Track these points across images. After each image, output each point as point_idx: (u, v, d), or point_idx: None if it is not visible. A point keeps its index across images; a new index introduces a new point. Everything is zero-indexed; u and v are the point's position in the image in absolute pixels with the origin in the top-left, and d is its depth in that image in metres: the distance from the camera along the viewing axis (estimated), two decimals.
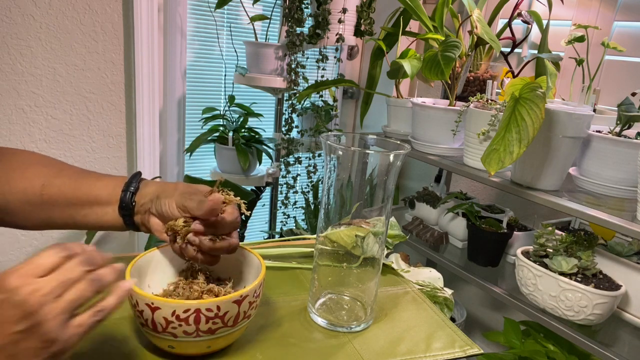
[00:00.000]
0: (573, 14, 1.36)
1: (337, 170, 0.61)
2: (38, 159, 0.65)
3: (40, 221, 0.63)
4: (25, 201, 0.61)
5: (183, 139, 1.69)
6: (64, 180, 0.61)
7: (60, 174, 0.62)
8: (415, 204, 1.48)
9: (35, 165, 0.63)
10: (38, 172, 0.62)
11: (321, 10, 1.49)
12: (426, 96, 1.53)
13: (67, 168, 0.64)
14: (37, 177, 0.61)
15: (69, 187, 0.61)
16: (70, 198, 0.61)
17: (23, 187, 0.61)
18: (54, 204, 0.61)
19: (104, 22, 1.36)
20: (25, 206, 0.61)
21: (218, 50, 1.66)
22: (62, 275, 0.40)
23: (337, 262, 0.65)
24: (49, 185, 0.61)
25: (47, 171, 0.62)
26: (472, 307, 1.71)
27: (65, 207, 0.61)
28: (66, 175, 0.62)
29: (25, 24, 1.27)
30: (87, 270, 0.42)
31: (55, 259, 0.40)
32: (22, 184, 0.61)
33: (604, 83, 1.30)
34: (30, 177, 0.61)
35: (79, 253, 0.42)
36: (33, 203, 0.61)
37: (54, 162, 0.65)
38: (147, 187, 0.62)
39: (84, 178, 0.62)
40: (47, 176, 0.61)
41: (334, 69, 1.83)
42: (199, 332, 0.51)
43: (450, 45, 1.11)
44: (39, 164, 0.63)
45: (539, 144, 0.94)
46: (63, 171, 0.63)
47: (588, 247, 1.00)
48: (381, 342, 0.62)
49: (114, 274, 0.45)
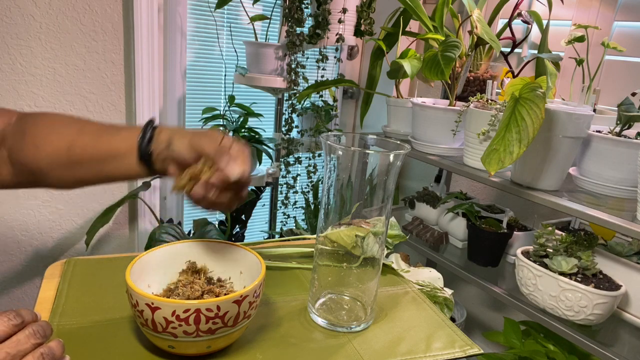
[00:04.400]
0: (573, 14, 1.36)
1: (337, 170, 0.61)
2: (60, 120, 0.66)
3: (73, 180, 0.65)
4: (55, 164, 0.63)
5: None
6: (86, 139, 0.62)
7: (82, 133, 0.63)
8: (415, 204, 1.48)
9: (58, 128, 0.64)
10: (62, 135, 0.63)
11: (321, 10, 1.49)
12: (426, 96, 1.53)
13: (88, 125, 0.65)
14: (62, 139, 0.63)
15: (91, 145, 0.62)
16: (94, 156, 0.62)
17: (51, 151, 0.62)
18: (81, 163, 0.63)
19: (104, 22, 1.36)
20: (56, 168, 0.63)
21: (218, 50, 1.66)
22: (12, 348, 0.39)
23: (337, 262, 0.65)
24: (73, 146, 0.62)
25: (70, 132, 0.63)
26: (472, 307, 1.71)
27: (92, 165, 0.63)
28: (88, 133, 0.63)
29: (25, 24, 1.27)
30: (37, 342, 0.40)
31: (6, 328, 0.39)
32: (50, 147, 0.62)
33: (604, 83, 1.30)
34: (56, 140, 0.63)
35: (29, 323, 0.41)
36: (62, 165, 0.63)
37: (75, 122, 0.66)
38: (162, 134, 0.62)
39: (103, 134, 0.63)
40: (71, 137, 0.63)
41: (334, 69, 1.83)
42: (199, 332, 0.51)
43: (450, 45, 1.11)
44: (61, 126, 0.64)
45: (539, 144, 0.94)
46: (84, 129, 0.64)
47: (588, 247, 1.00)
48: (381, 342, 0.62)
49: (61, 349, 0.43)
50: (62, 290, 0.67)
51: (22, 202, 1.41)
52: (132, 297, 0.51)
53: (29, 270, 1.48)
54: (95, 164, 0.63)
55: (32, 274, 1.49)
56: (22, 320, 0.40)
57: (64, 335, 0.57)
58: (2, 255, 1.43)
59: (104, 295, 0.66)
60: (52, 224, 1.47)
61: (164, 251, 0.62)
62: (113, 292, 0.67)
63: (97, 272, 0.73)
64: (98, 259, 0.77)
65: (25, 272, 1.48)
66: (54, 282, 0.69)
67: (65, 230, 1.49)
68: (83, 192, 1.48)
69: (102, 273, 0.72)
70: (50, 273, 0.72)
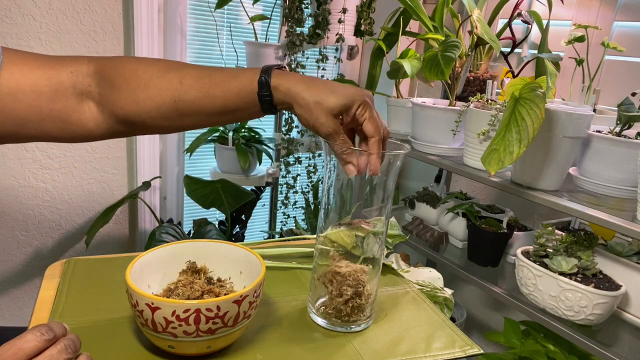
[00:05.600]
0: (573, 14, 1.36)
1: (337, 170, 0.61)
2: (152, 70, 0.61)
3: (177, 127, 0.64)
4: (161, 117, 0.61)
5: (183, 139, 1.69)
6: (193, 93, 0.60)
7: (185, 85, 0.60)
8: (415, 204, 1.48)
9: (155, 81, 0.60)
10: (163, 89, 0.60)
11: (321, 10, 1.49)
12: (426, 96, 1.53)
13: (188, 75, 0.61)
14: (165, 94, 0.60)
15: (203, 102, 0.60)
16: (207, 110, 0.61)
17: (155, 106, 0.60)
18: (191, 115, 0.61)
19: (104, 22, 1.36)
20: (162, 121, 0.62)
21: (218, 50, 1.66)
22: None
23: None
24: (180, 100, 0.60)
25: (171, 85, 0.60)
26: (472, 307, 1.71)
27: (204, 117, 0.62)
28: (193, 86, 0.60)
29: (25, 24, 1.27)
30: (68, 358, 0.41)
31: (39, 343, 0.39)
32: (152, 103, 0.60)
33: (604, 83, 1.30)
34: (157, 96, 0.60)
35: (60, 337, 0.41)
36: (170, 117, 0.62)
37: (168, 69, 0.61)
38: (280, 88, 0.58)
39: (214, 87, 0.60)
40: (174, 90, 0.60)
41: (334, 69, 1.83)
42: (199, 332, 0.51)
43: (450, 45, 1.11)
44: (158, 78, 0.60)
45: (539, 144, 0.94)
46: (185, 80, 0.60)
47: (588, 247, 1.00)
48: (381, 342, 0.62)
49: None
50: (62, 290, 0.67)
51: (22, 202, 1.41)
52: (132, 297, 0.51)
53: (29, 270, 1.48)
54: (208, 117, 0.62)
55: (32, 274, 1.49)
56: (54, 335, 0.40)
57: None
58: (2, 255, 1.43)
59: (104, 295, 0.66)
60: (52, 224, 1.47)
61: (164, 251, 0.62)
62: (113, 292, 0.67)
63: (97, 272, 0.73)
64: (98, 259, 0.77)
65: (25, 272, 1.48)
66: (54, 282, 0.69)
67: (65, 230, 1.49)
68: (83, 192, 1.48)
69: (102, 273, 0.72)
70: (50, 273, 0.72)
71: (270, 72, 0.59)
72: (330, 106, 0.55)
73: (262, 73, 0.59)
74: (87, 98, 0.61)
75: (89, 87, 0.61)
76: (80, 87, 0.60)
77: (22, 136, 0.61)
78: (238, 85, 0.59)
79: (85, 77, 0.60)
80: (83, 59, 0.62)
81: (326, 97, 0.56)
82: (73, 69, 0.60)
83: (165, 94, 0.60)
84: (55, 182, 1.43)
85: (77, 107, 0.61)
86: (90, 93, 0.61)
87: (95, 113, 0.62)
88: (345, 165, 0.57)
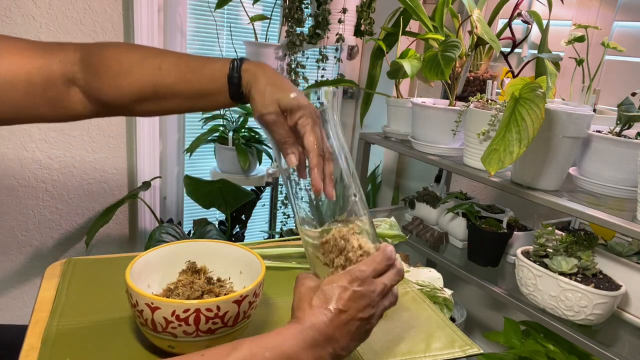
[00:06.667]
0: (573, 14, 1.36)
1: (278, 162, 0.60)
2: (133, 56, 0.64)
3: (158, 111, 0.67)
4: (142, 101, 0.65)
5: (183, 139, 1.69)
6: (171, 79, 0.63)
7: (166, 73, 0.63)
8: (415, 204, 1.48)
9: (137, 68, 0.63)
10: (142, 75, 0.63)
11: (321, 10, 1.49)
12: (426, 96, 1.53)
13: (166, 61, 0.64)
14: (144, 79, 0.63)
15: (181, 86, 0.63)
16: (184, 94, 0.64)
17: (136, 91, 0.63)
18: (169, 99, 0.64)
19: (104, 22, 1.36)
20: (143, 104, 0.65)
21: (218, 50, 1.66)
22: (388, 282, 0.51)
23: None
24: (159, 85, 0.63)
25: (150, 71, 0.63)
26: (472, 307, 1.71)
27: (181, 101, 0.65)
28: (171, 73, 0.63)
29: (25, 24, 1.27)
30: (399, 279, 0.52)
31: (385, 267, 0.51)
32: (133, 88, 0.63)
33: (604, 83, 1.30)
34: (137, 81, 0.63)
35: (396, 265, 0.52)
36: (150, 101, 0.65)
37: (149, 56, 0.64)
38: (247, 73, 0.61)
39: (189, 73, 0.63)
40: (153, 77, 0.63)
41: (334, 69, 1.83)
42: (199, 332, 0.51)
43: (450, 45, 1.11)
44: (139, 64, 0.64)
45: (539, 144, 0.94)
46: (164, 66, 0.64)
47: (588, 247, 1.00)
48: (381, 342, 0.62)
49: None
50: (62, 290, 0.67)
51: (22, 202, 1.41)
52: (132, 297, 0.51)
53: (29, 270, 1.48)
54: (185, 100, 0.64)
55: (32, 274, 1.49)
56: (392, 262, 0.52)
57: (64, 335, 0.57)
58: (2, 255, 1.43)
59: (104, 295, 0.66)
60: (52, 224, 1.47)
61: (164, 251, 0.62)
62: (113, 292, 0.67)
63: (97, 272, 0.73)
64: (98, 259, 0.77)
65: (25, 272, 1.48)
66: (54, 282, 0.69)
67: (65, 230, 1.49)
68: (83, 192, 1.48)
69: (102, 273, 0.72)
70: (50, 273, 0.72)
71: (244, 60, 0.62)
72: (279, 97, 0.57)
73: (235, 59, 0.62)
74: (74, 85, 0.64)
75: (76, 74, 0.63)
76: (68, 75, 0.63)
77: (16, 120, 0.64)
78: (212, 69, 0.63)
79: (73, 65, 0.63)
80: (70, 47, 0.64)
81: (280, 90, 0.58)
82: (62, 58, 0.63)
83: (146, 80, 0.63)
84: (55, 182, 1.43)
85: (66, 93, 0.64)
86: (76, 80, 0.64)
87: (82, 98, 0.65)
88: (287, 156, 0.57)
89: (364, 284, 0.49)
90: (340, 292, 0.48)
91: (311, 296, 0.49)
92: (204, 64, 0.64)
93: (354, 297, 0.48)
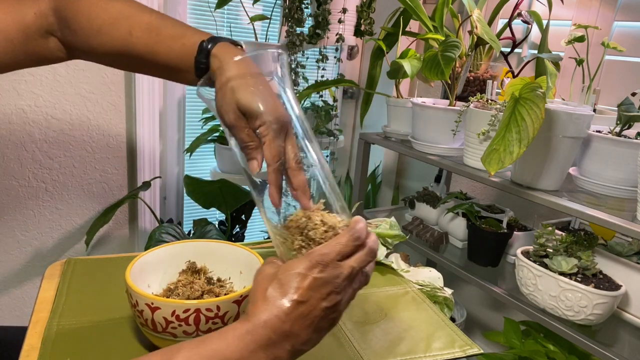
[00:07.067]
0: (573, 14, 1.36)
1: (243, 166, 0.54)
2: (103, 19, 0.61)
3: (135, 71, 0.66)
4: (114, 62, 0.64)
5: (183, 139, 1.69)
6: (142, 50, 0.60)
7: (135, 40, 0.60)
8: (415, 204, 1.48)
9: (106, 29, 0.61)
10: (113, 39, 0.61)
11: (321, 10, 1.49)
12: (426, 96, 1.53)
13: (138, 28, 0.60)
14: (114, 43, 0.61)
15: (149, 57, 0.60)
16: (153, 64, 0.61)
17: (107, 52, 0.62)
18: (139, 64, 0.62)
19: None
20: (116, 62, 0.64)
21: None
22: (357, 265, 0.45)
23: None
24: (129, 51, 0.61)
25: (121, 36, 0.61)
26: (472, 307, 1.71)
27: (151, 70, 0.63)
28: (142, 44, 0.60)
29: None
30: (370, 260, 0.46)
31: (353, 248, 0.45)
32: (105, 49, 0.62)
33: (604, 83, 1.30)
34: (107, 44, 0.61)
35: (367, 244, 0.46)
36: (122, 63, 0.64)
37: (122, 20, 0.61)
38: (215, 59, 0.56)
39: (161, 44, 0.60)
40: (124, 42, 0.61)
41: (334, 69, 1.83)
42: (199, 332, 0.51)
43: (450, 45, 1.11)
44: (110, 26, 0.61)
45: (539, 144, 0.94)
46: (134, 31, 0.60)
47: (588, 247, 1.00)
48: (381, 342, 0.62)
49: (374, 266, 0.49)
50: (62, 290, 0.67)
51: (22, 202, 1.41)
52: (132, 297, 0.51)
53: (29, 270, 1.48)
54: (156, 70, 0.62)
55: (32, 274, 1.49)
56: (360, 242, 0.46)
57: (64, 335, 0.57)
58: (2, 255, 1.43)
59: (104, 295, 0.66)
60: (52, 224, 1.47)
61: (164, 251, 0.62)
62: (113, 292, 0.67)
63: (97, 272, 0.73)
64: (98, 259, 0.77)
65: (25, 272, 1.48)
66: (54, 282, 0.69)
67: (65, 230, 1.49)
68: (83, 192, 1.48)
69: (102, 273, 0.72)
70: (50, 273, 0.72)
71: (217, 41, 0.56)
72: (237, 98, 0.51)
73: (208, 40, 0.56)
74: (52, 35, 0.64)
75: (52, 26, 0.63)
76: (45, 27, 0.63)
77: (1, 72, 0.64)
78: (182, 45, 0.58)
79: (48, 17, 0.63)
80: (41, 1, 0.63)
81: (243, 90, 0.51)
82: (36, 10, 0.62)
83: (115, 44, 0.61)
84: (55, 182, 1.43)
85: (45, 44, 0.64)
86: (54, 31, 0.63)
87: (60, 47, 0.65)
88: (250, 161, 0.52)
89: (327, 269, 0.43)
90: (299, 281, 0.42)
91: (266, 286, 0.43)
92: (176, 36, 0.59)
93: (314, 286, 0.42)
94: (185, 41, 0.58)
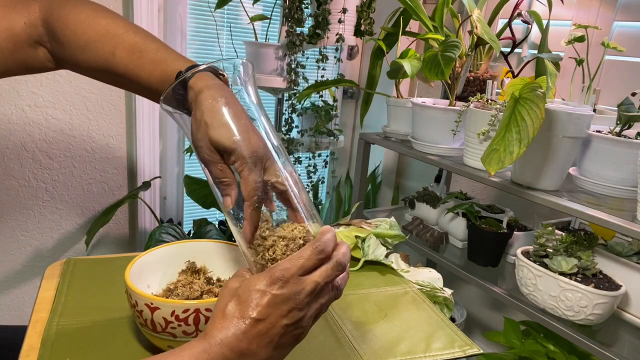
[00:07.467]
0: (573, 14, 1.36)
1: None
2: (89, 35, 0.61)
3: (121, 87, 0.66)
4: (99, 75, 0.64)
5: (183, 139, 1.69)
6: (123, 70, 0.61)
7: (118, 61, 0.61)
8: (415, 204, 1.48)
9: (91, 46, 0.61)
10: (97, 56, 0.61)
11: (321, 10, 1.49)
12: (426, 96, 1.53)
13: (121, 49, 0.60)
14: (98, 61, 0.62)
15: (131, 78, 0.60)
16: (135, 85, 0.61)
17: (92, 68, 0.63)
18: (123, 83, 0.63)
19: None
20: (103, 78, 0.65)
21: (218, 50, 1.66)
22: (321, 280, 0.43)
23: None
24: (112, 70, 0.61)
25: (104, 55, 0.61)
26: (472, 307, 1.71)
27: (135, 89, 0.63)
28: (123, 65, 0.60)
29: None
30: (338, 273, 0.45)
31: (316, 262, 0.43)
32: (89, 65, 0.62)
33: (604, 83, 1.30)
34: (92, 60, 0.62)
35: (333, 257, 0.45)
36: (107, 79, 0.64)
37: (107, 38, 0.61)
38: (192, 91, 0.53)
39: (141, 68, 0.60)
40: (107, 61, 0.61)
41: (334, 69, 1.83)
42: (199, 332, 0.51)
43: (450, 45, 1.11)
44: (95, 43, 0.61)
45: (539, 144, 0.94)
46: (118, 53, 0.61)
47: (588, 247, 1.00)
48: (381, 342, 0.62)
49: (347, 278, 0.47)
50: (62, 290, 0.67)
51: (22, 202, 1.41)
52: (131, 297, 0.51)
53: (29, 270, 1.48)
54: (139, 90, 0.62)
55: (32, 274, 1.49)
56: (326, 255, 0.44)
57: (64, 335, 0.57)
58: (2, 255, 1.43)
59: (104, 295, 0.66)
60: (52, 224, 1.47)
61: (164, 251, 0.62)
62: (113, 292, 0.67)
63: (97, 272, 0.73)
64: (98, 259, 0.77)
65: (25, 272, 1.48)
66: (54, 282, 0.69)
67: (65, 230, 1.49)
68: (83, 192, 1.48)
69: (102, 273, 0.72)
70: (50, 273, 0.72)
71: (196, 72, 0.53)
72: (211, 135, 0.49)
73: (187, 69, 0.55)
74: (41, 45, 0.64)
75: (41, 37, 0.63)
76: (34, 37, 0.63)
77: None
78: (161, 73, 0.58)
79: (37, 27, 0.63)
80: (35, 5, 0.63)
81: (217, 126, 0.49)
82: (26, 20, 0.62)
83: (99, 61, 0.61)
84: (55, 182, 1.43)
85: (34, 54, 0.64)
86: (43, 42, 0.64)
87: (50, 57, 0.66)
88: (224, 197, 0.51)
89: (287, 285, 0.42)
90: (258, 297, 0.41)
91: (227, 302, 0.43)
92: (157, 62, 0.58)
93: (273, 303, 0.41)
94: (165, 68, 0.58)
